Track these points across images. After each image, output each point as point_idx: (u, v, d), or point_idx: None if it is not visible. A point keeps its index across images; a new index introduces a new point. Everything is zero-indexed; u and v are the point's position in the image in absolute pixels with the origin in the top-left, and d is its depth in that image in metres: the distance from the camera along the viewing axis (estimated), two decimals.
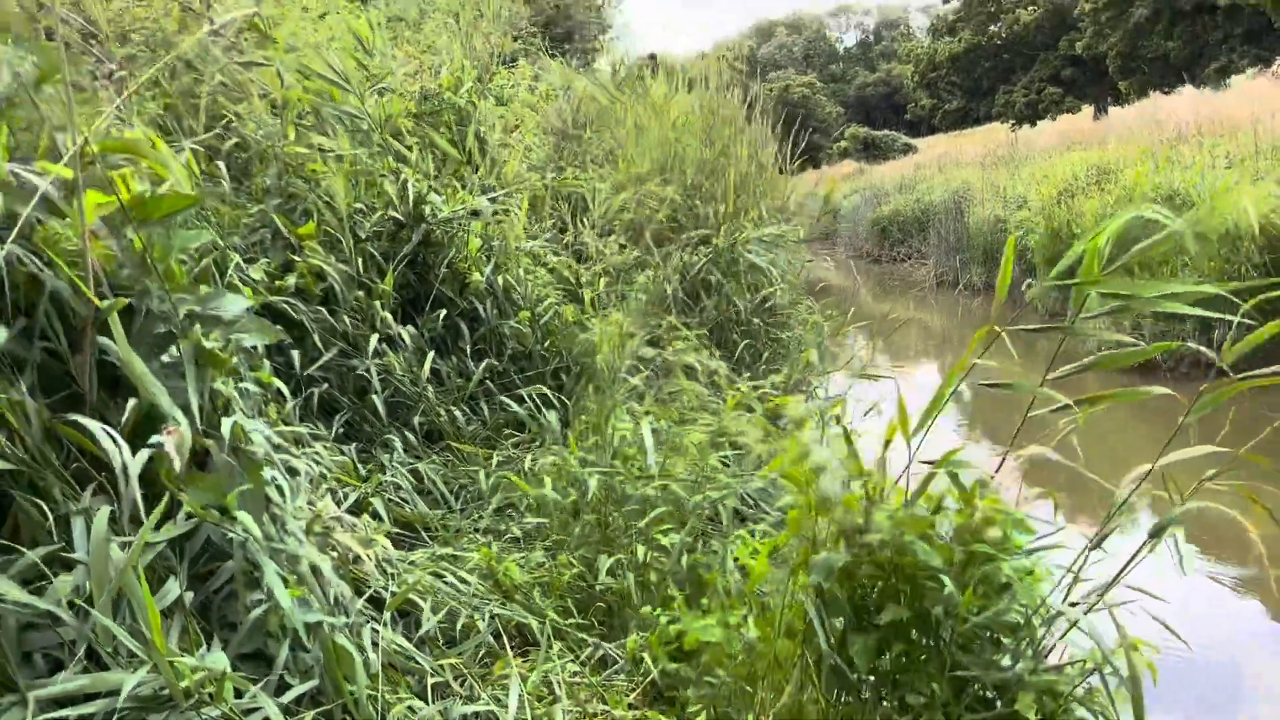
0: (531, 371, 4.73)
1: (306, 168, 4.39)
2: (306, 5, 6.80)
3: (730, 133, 7.64)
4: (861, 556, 2.36)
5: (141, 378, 1.70)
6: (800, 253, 7.61)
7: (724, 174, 7.26)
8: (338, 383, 3.91)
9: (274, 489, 2.06)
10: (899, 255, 24.61)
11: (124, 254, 1.81)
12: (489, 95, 7.07)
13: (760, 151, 8.11)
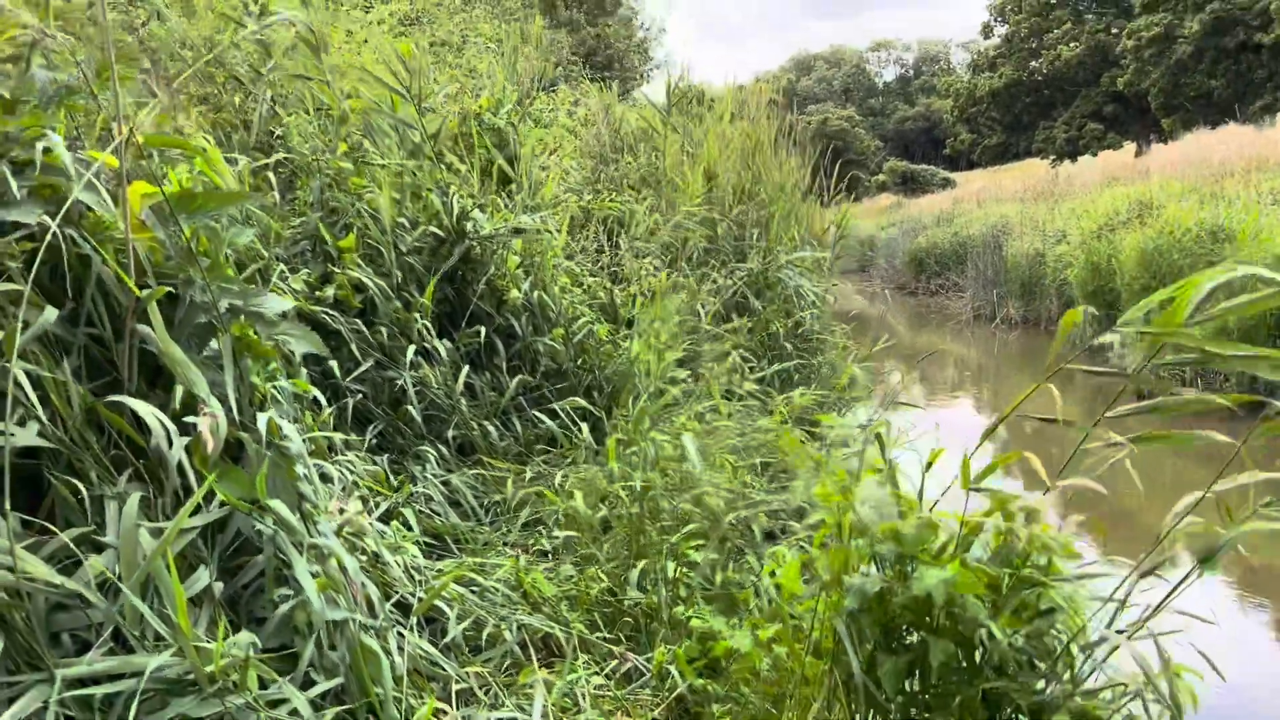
0: (564, 388, 4.73)
1: (350, 182, 4.44)
2: (350, 29, 6.94)
3: (768, 160, 7.66)
4: (902, 594, 2.32)
5: (179, 364, 1.71)
6: (833, 280, 7.58)
7: (762, 200, 7.28)
8: (372, 394, 3.94)
9: (306, 485, 2.07)
10: (935, 288, 24.47)
11: (171, 244, 1.83)
12: (529, 118, 7.14)
13: (798, 180, 8.13)
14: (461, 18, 9.79)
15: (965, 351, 18.29)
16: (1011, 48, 48.23)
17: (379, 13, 8.68)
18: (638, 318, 5.47)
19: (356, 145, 4.92)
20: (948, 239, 23.98)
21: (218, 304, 1.84)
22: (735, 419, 4.57)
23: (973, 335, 19.02)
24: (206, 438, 1.65)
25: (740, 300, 6.34)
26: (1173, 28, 39.33)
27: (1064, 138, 45.14)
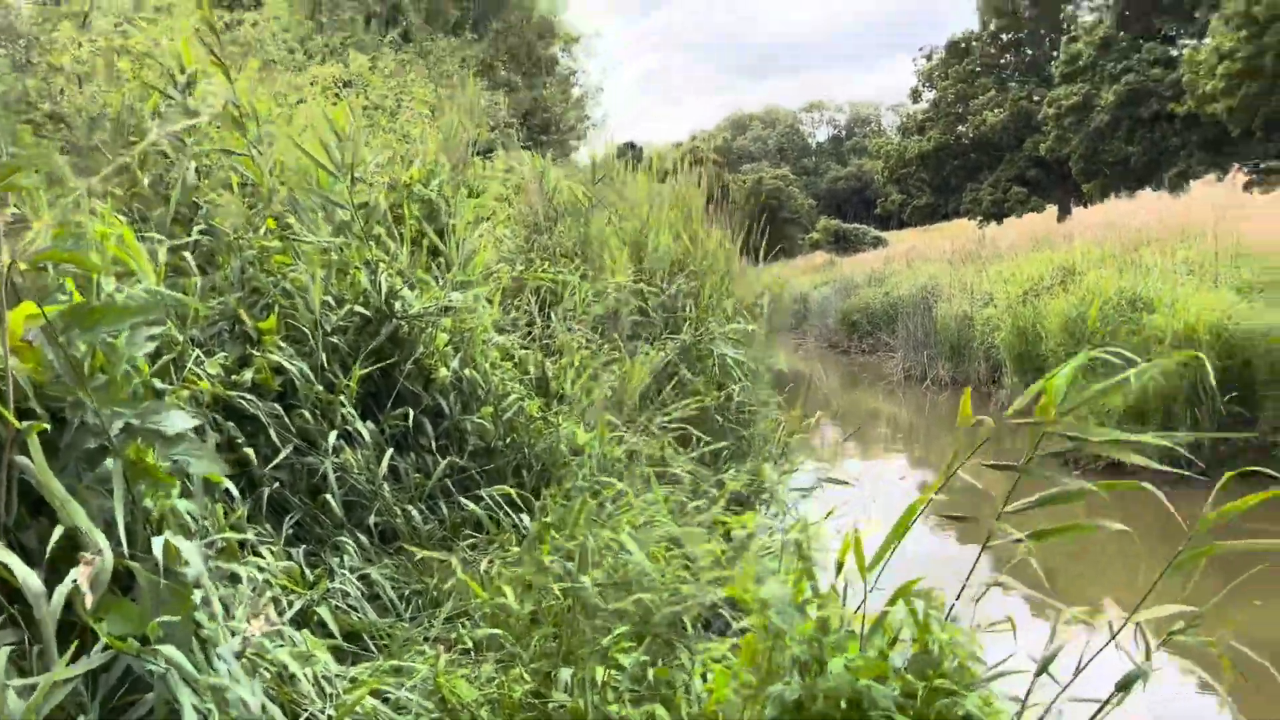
0: (493, 468, 4.63)
1: (273, 259, 4.34)
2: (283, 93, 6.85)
3: (699, 230, 7.71)
4: (816, 692, 2.28)
5: (62, 503, 1.61)
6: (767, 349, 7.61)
7: (695, 267, 7.31)
8: (290, 481, 3.80)
9: (204, 615, 1.96)
10: (867, 347, 24.81)
11: (60, 365, 1.73)
12: (462, 186, 7.10)
13: (730, 246, 8.20)
14: (396, 81, 9.75)
15: (897, 411, 18.53)
16: (939, 112, 49.72)
17: (311, 74, 8.61)
18: (570, 394, 5.41)
19: (282, 220, 4.82)
20: (879, 299, 24.39)
21: (109, 428, 1.74)
22: (670, 501, 4.52)
23: (904, 395, 19.28)
24: (85, 589, 1.55)
25: (673, 372, 6.31)
26: (1090, 97, 40.92)
27: (990, 200, 46.47)
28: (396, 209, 5.46)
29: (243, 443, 3.61)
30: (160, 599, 1.77)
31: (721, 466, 5.92)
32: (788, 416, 7.06)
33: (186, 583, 1.86)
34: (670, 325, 6.83)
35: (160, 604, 1.77)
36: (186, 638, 1.81)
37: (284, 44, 8.86)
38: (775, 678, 2.41)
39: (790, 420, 6.93)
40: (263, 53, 8.20)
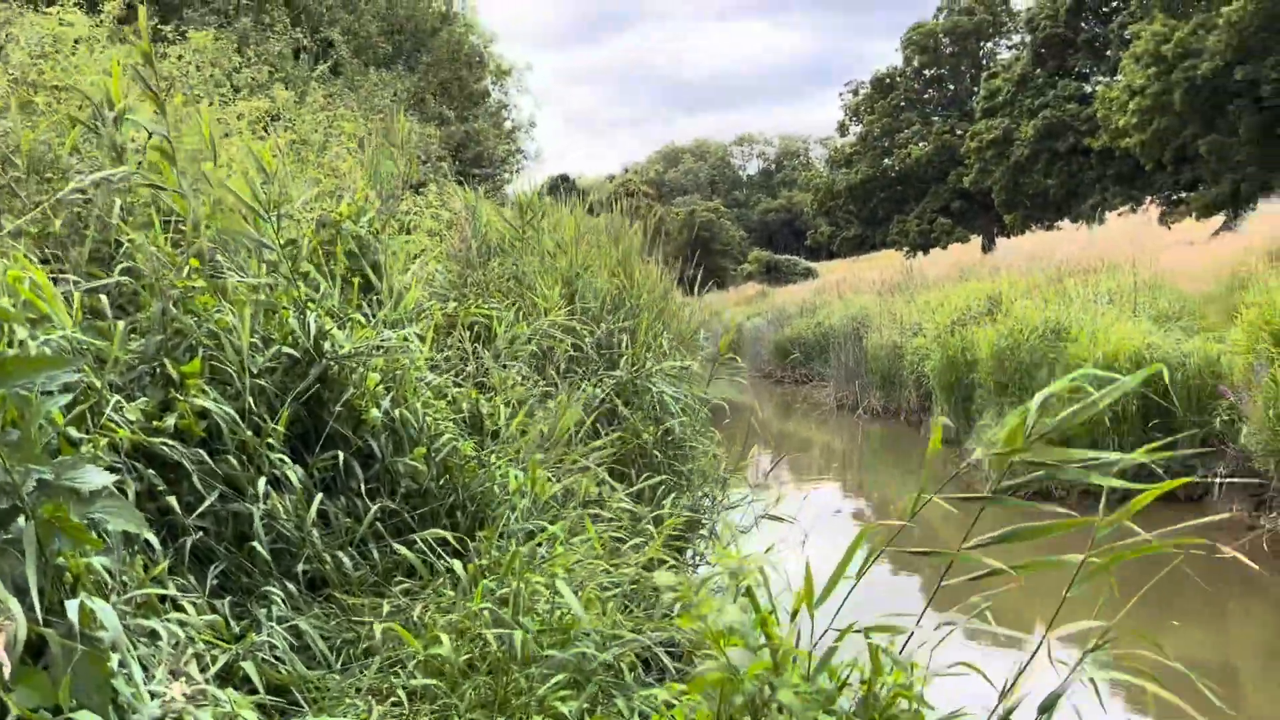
0: (426, 510, 4.54)
1: (197, 300, 4.22)
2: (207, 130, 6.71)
3: (638, 263, 7.73)
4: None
5: None
6: (701, 384, 7.63)
7: (631, 303, 7.31)
8: (215, 529, 3.67)
9: (122, 679, 1.86)
10: (800, 377, 25.09)
11: None
12: (393, 222, 7.02)
13: (667, 280, 8.23)
14: (325, 115, 9.64)
15: (831, 440, 18.72)
16: (866, 146, 50.81)
17: (238, 108, 8.47)
18: (505, 432, 5.34)
19: (208, 260, 4.70)
20: (811, 329, 24.72)
21: (21, 486, 1.66)
22: (606, 540, 4.48)
23: (837, 424, 19.51)
24: (2, 662, 1.46)
25: (609, 409, 6.28)
26: (1010, 131, 42.18)
27: (916, 231, 47.51)
28: (326, 246, 5.37)
29: (164, 491, 3.48)
30: (75, 666, 1.68)
31: (660, 503, 5.89)
32: (726, 452, 7.08)
33: (103, 647, 1.77)
34: (607, 361, 6.81)
35: (75, 671, 1.68)
36: (103, 706, 1.72)
37: (210, 78, 8.70)
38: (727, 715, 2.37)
39: (728, 457, 6.94)
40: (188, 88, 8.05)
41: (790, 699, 2.20)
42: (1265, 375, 8.04)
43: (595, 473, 5.14)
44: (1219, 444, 9.59)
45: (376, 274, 5.57)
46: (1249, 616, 7.85)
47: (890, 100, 50.47)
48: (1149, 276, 14.14)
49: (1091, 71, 42.82)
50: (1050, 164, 41.04)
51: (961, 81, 50.72)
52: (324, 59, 15.16)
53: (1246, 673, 6.83)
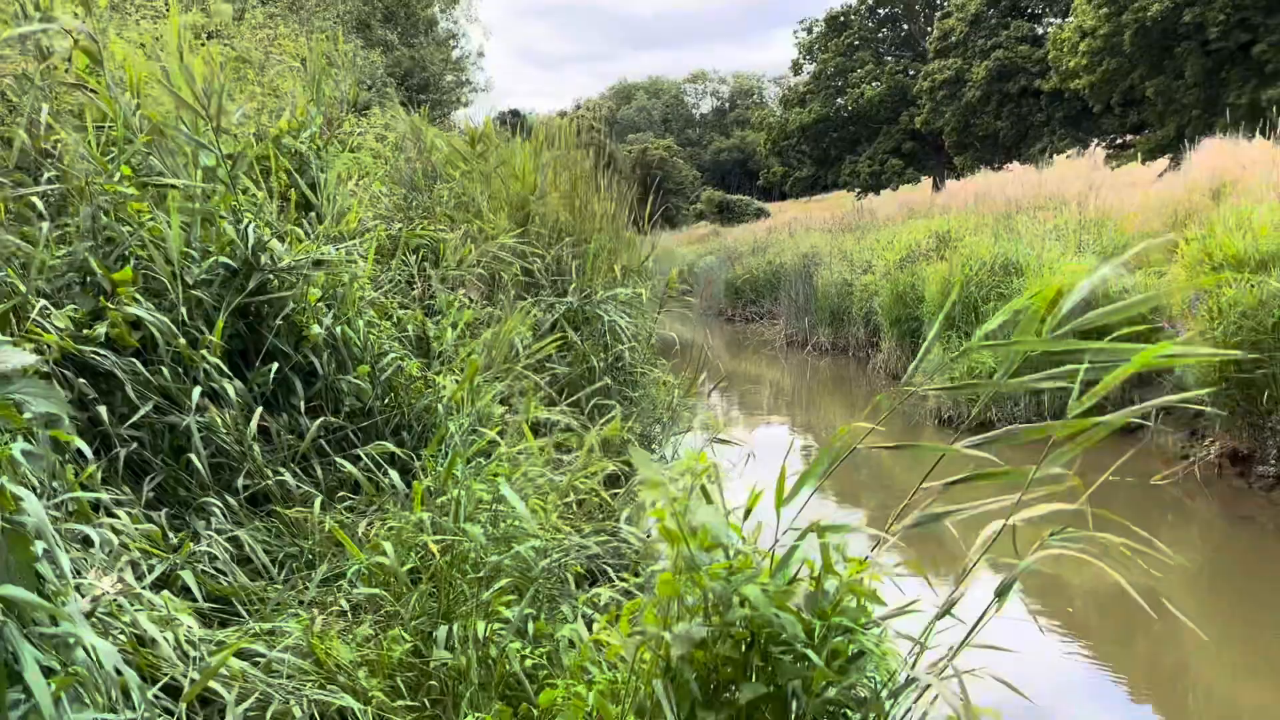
0: (370, 427, 4.47)
1: (129, 206, 4.06)
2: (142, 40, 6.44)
3: (587, 195, 7.62)
4: (721, 630, 2.26)
5: None
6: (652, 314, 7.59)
7: (582, 233, 7.21)
8: (151, 441, 3.58)
9: (47, 565, 1.79)
10: (751, 315, 25.18)
11: None
12: (336, 142, 6.82)
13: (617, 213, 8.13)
14: (265, 34, 9.30)
15: (780, 376, 18.85)
16: (819, 85, 50.57)
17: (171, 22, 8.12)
18: (451, 353, 5.27)
19: (142, 167, 4.53)
20: (762, 268, 24.75)
21: None
22: (548, 453, 4.45)
23: (787, 361, 19.63)
24: None
25: (559, 334, 6.22)
26: (962, 72, 42.23)
27: (868, 172, 47.61)
28: (264, 161, 5.20)
29: (95, 400, 3.37)
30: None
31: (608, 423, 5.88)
32: (676, 380, 7.07)
33: (25, 533, 1.70)
34: (557, 289, 6.74)
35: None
36: (29, 588, 1.66)
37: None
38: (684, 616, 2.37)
39: (679, 384, 6.93)
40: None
41: (755, 594, 2.19)
42: (1200, 307, 8.20)
43: (540, 388, 5.10)
44: (1156, 376, 9.80)
45: (316, 191, 5.42)
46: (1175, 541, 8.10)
47: (844, 39, 50.18)
48: (1094, 215, 14.30)
49: (1043, 12, 42.91)
50: (1001, 106, 41.24)
51: (915, 21, 50.54)
52: None
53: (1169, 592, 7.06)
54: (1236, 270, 8.16)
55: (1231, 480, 8.35)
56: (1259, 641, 6.04)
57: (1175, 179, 15.09)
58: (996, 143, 41.53)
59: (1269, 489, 7.90)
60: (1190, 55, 29.55)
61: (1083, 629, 6.00)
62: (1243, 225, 8.76)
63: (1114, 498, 8.63)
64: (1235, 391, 7.88)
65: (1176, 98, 30.51)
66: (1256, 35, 28.08)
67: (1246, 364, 7.65)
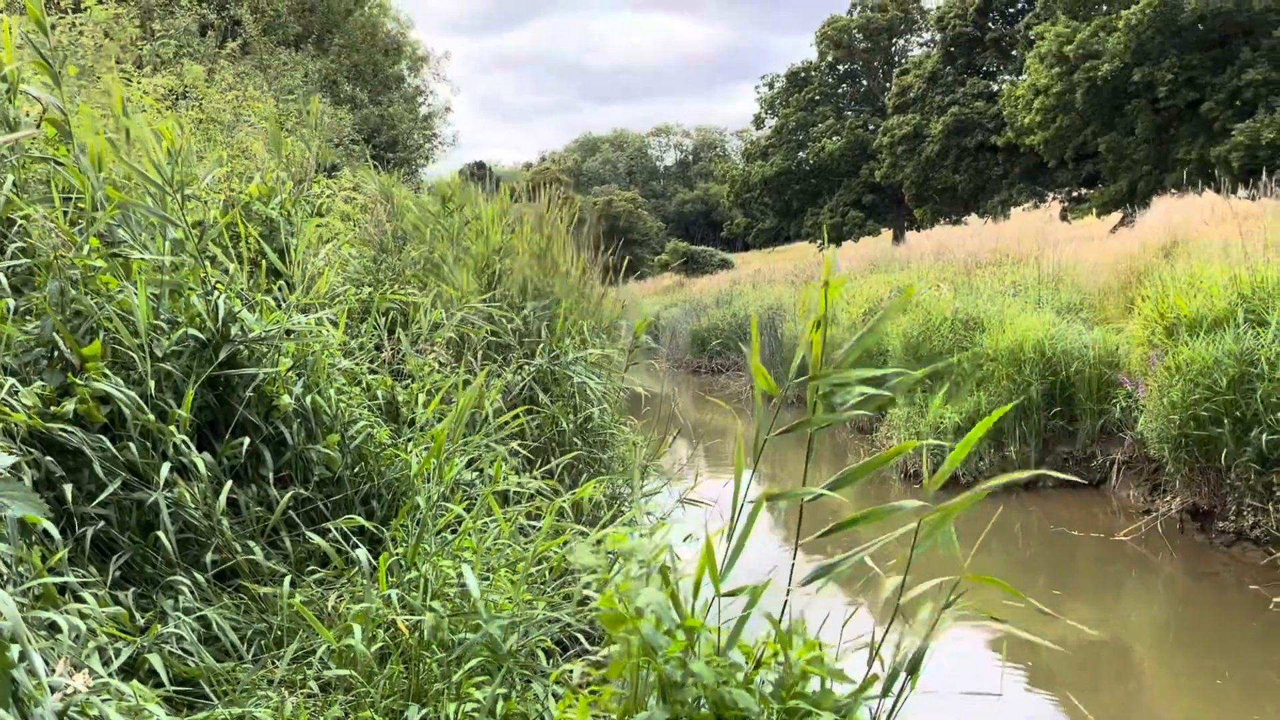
0: (340, 498, 4.44)
1: (99, 279, 4.05)
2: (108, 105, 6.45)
3: (556, 255, 7.68)
4: (681, 712, 2.26)
5: None
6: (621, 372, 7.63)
7: (553, 292, 7.26)
8: (118, 519, 3.54)
9: (22, 671, 1.77)
10: (718, 367, 25.29)
11: None
12: (305, 205, 6.84)
13: (588, 269, 8.20)
14: (234, 94, 9.35)
15: (747, 430, 18.89)
16: (781, 139, 51.42)
17: (142, 86, 8.16)
18: (421, 419, 5.26)
19: (110, 238, 4.52)
20: (727, 319, 24.93)
21: None
22: (516, 522, 4.44)
23: (752, 413, 19.71)
24: None
25: (529, 397, 6.24)
26: (921, 127, 43.15)
27: (830, 223, 48.28)
28: (234, 228, 5.21)
29: (62, 479, 3.33)
30: None
31: (580, 489, 5.88)
32: (645, 439, 7.09)
33: (1, 638, 1.69)
34: (527, 350, 6.76)
35: None
36: (3, 698, 1.64)
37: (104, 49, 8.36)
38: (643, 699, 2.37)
39: (647, 445, 6.96)
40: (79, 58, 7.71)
41: (703, 670, 2.21)
42: (1159, 364, 8.37)
43: (506, 456, 5.10)
44: (1118, 431, 9.96)
45: (286, 258, 5.42)
46: (1139, 596, 8.19)
47: (805, 94, 51.15)
48: (1052, 270, 14.60)
49: (998, 70, 44.07)
50: (959, 160, 42.12)
51: (874, 77, 51.66)
52: (232, 37, 14.70)
53: (1134, 646, 7.12)
54: (1191, 329, 8.36)
55: (1193, 536, 8.47)
56: (1222, 697, 6.11)
57: (1129, 235, 15.49)
58: (955, 196, 42.36)
59: (1229, 544, 8.03)
60: (1140, 113, 30.43)
61: (1047, 680, 6.02)
62: (1194, 284, 8.99)
63: (1078, 552, 8.73)
64: (1194, 448, 8.02)
65: (1128, 154, 31.35)
66: (1204, 94, 29.01)
67: (1204, 421, 7.81)
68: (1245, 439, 7.59)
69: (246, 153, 7.90)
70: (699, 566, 2.63)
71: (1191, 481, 8.40)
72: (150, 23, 10.70)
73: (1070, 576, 8.42)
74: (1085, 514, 9.46)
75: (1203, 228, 12.90)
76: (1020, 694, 5.83)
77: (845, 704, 2.48)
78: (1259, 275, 8.50)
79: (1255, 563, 7.64)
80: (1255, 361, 7.61)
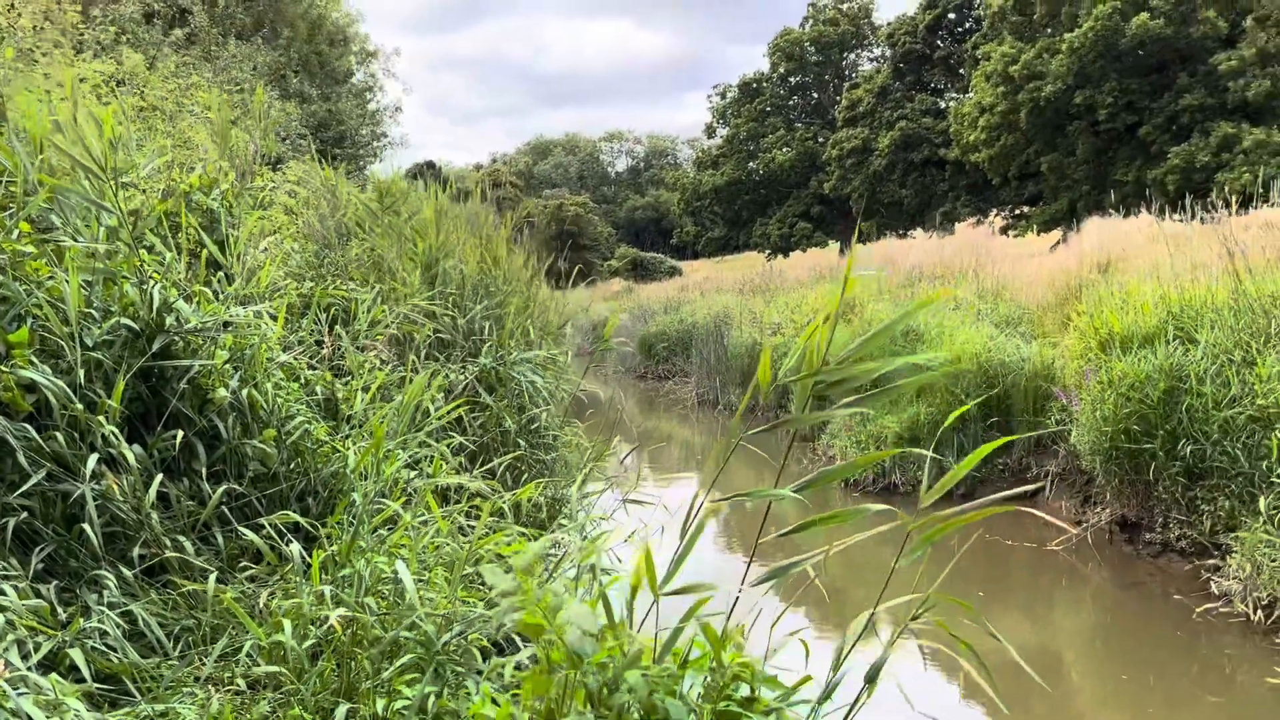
0: (275, 494, 4.37)
1: (28, 265, 3.95)
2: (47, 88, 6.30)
3: (503, 250, 7.64)
4: (609, 717, 2.26)
5: None
6: (568, 374, 7.62)
7: (497, 292, 7.22)
8: (42, 510, 3.45)
9: None
10: (664, 373, 25.36)
11: None
12: (248, 197, 6.73)
13: (534, 270, 8.17)
14: (177, 84, 9.17)
15: (690, 435, 18.99)
16: (732, 149, 51.74)
17: (79, 70, 7.97)
18: (359, 416, 5.20)
19: (42, 224, 4.41)
20: (675, 326, 25.02)
21: None
22: (455, 520, 4.41)
23: (698, 420, 19.80)
24: None
25: (472, 396, 6.20)
26: (869, 141, 43.72)
27: (778, 234, 48.69)
28: (173, 217, 5.11)
29: None
30: None
31: (521, 489, 5.85)
32: (590, 441, 7.09)
33: None
34: (471, 348, 6.72)
35: None
36: None
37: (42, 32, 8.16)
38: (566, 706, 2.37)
39: (593, 445, 6.95)
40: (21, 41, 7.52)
41: (636, 679, 2.21)
42: (1093, 379, 8.57)
43: (447, 454, 5.07)
44: (1051, 444, 10.17)
45: (226, 250, 5.33)
46: (1068, 605, 8.37)
47: (756, 105, 51.54)
48: (992, 285, 14.89)
49: (946, 87, 44.82)
50: (906, 174, 42.75)
51: (825, 90, 52.23)
52: (179, 25, 14.42)
53: (1063, 654, 7.27)
54: (1124, 345, 8.57)
55: (1121, 547, 8.68)
56: (1147, 703, 6.26)
57: (1067, 252, 15.83)
58: (901, 209, 42.97)
59: (1155, 555, 8.24)
60: (1081, 134, 31.15)
61: (974, 688, 6.13)
62: (1126, 303, 9.22)
63: (1010, 562, 8.89)
64: (1125, 460, 8.22)
65: (1069, 173, 32.06)
66: (1142, 118, 29.77)
67: (1135, 434, 8.00)
68: (1173, 452, 7.80)
69: (189, 143, 7.76)
70: (635, 569, 2.64)
71: (1121, 493, 8.61)
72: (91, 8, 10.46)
73: (1003, 586, 8.57)
74: (1019, 525, 9.64)
75: (1136, 248, 13.25)
76: (952, 703, 5.92)
77: (776, 708, 2.50)
78: (1187, 294, 8.75)
79: (1180, 573, 7.85)
80: (1184, 377, 7.82)
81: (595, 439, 7.34)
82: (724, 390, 19.73)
